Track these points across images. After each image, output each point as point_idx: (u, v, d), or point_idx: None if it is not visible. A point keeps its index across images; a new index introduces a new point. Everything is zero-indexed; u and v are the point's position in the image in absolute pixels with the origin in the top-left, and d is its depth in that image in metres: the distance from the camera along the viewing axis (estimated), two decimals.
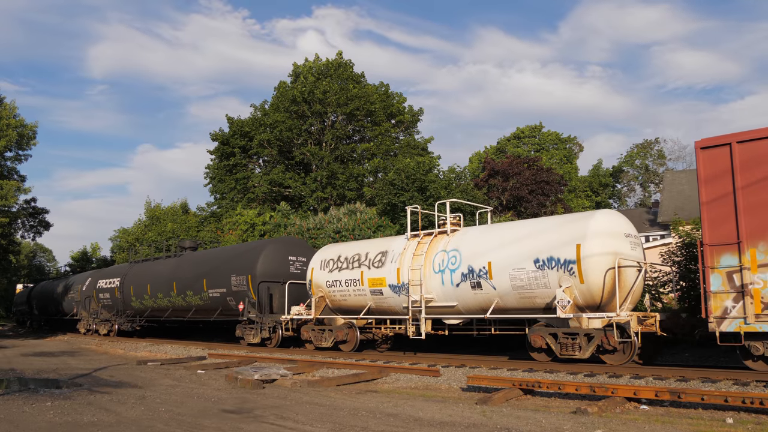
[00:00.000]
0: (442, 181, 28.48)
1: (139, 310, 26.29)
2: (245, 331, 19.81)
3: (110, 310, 28.48)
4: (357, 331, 16.67)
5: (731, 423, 7.33)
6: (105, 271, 31.66)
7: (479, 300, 13.92)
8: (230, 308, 20.51)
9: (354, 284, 16.68)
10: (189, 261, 24.03)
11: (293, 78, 42.49)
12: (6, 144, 29.23)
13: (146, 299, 25.26)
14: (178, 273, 23.53)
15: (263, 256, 19.70)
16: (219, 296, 20.86)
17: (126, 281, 27.06)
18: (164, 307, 24.29)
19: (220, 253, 23.17)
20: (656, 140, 59.78)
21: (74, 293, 32.83)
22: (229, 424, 7.66)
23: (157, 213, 49.37)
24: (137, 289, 25.99)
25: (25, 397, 9.91)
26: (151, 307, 25.26)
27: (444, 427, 7.36)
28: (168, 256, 26.23)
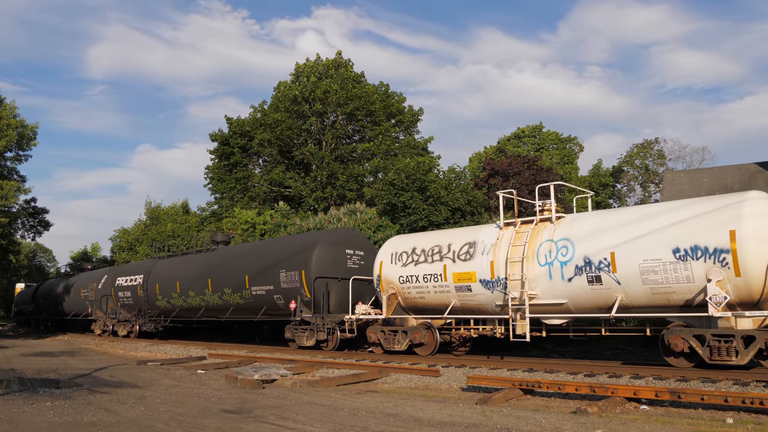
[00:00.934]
0: (442, 181, 28.44)
1: (165, 310, 24.60)
2: (296, 332, 18.13)
3: (131, 310, 26.69)
4: (436, 333, 14.98)
5: (731, 423, 7.33)
6: (125, 267, 29.51)
7: (597, 296, 12.25)
8: (277, 307, 18.89)
9: (434, 279, 14.89)
10: (226, 256, 22.14)
11: (294, 77, 42.50)
12: (6, 144, 29.24)
13: (174, 298, 23.55)
14: (214, 269, 21.72)
15: (318, 250, 17.88)
16: (264, 294, 19.18)
17: (150, 278, 25.20)
18: (196, 306, 22.59)
19: (266, 246, 21.03)
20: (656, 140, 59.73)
21: (88, 292, 30.95)
22: (229, 424, 7.66)
23: (158, 213, 49.40)
24: (164, 286, 24.22)
25: (25, 397, 9.91)
26: (180, 307, 23.55)
27: (444, 427, 7.36)
28: (199, 250, 24.20)
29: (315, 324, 17.36)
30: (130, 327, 26.59)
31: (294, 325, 18.30)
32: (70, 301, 33.58)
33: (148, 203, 52.14)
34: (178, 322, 24.88)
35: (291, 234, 27.19)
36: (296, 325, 18.22)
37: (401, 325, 15.64)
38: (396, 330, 15.57)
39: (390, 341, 15.59)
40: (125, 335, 26.81)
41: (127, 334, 26.75)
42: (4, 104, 30.36)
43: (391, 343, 15.54)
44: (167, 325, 25.03)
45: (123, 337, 26.74)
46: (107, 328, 28.48)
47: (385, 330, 15.78)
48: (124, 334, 26.92)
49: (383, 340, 15.75)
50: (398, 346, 15.37)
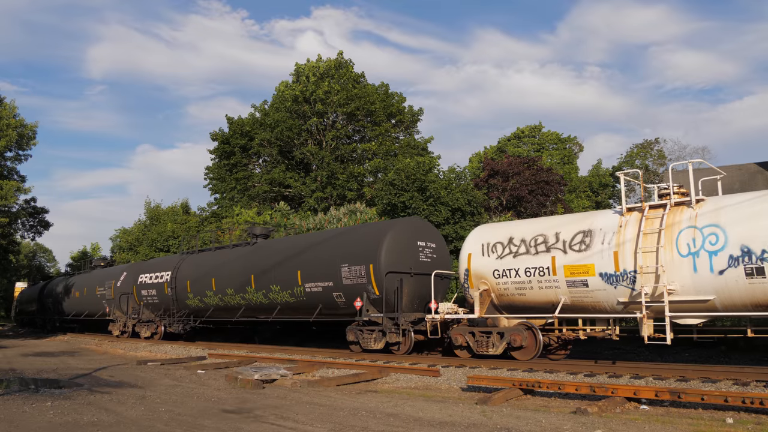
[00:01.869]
0: (442, 181, 28.43)
1: (196, 310, 22.65)
2: (361, 334, 16.19)
3: (156, 310, 24.73)
4: (538, 334, 13.28)
5: (731, 423, 7.33)
6: (149, 263, 27.20)
7: (756, 292, 10.71)
8: (336, 306, 17.08)
9: (539, 274, 13.27)
10: (272, 249, 20.02)
11: (295, 78, 42.52)
12: (6, 144, 29.24)
13: (209, 296, 21.58)
14: (257, 264, 19.62)
15: (389, 242, 15.99)
16: (321, 291, 17.23)
17: (179, 275, 23.18)
18: (234, 305, 20.63)
19: (322, 239, 18.83)
20: (656, 140, 59.70)
21: (105, 290, 28.76)
22: (229, 424, 7.66)
23: (157, 213, 49.39)
24: (196, 284, 22.19)
25: (25, 397, 9.91)
26: (215, 306, 21.60)
27: (444, 427, 7.36)
28: (236, 244, 22.22)
29: (384, 324, 15.58)
30: (154, 328, 24.65)
31: (357, 326, 16.39)
32: (83, 300, 31.42)
33: (147, 203, 52.12)
34: (211, 323, 22.99)
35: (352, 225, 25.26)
36: (360, 326, 16.32)
37: (495, 326, 13.86)
38: (489, 331, 13.79)
39: (483, 344, 13.84)
40: (148, 337, 24.89)
41: (151, 336, 24.83)
42: (3, 104, 30.36)
43: (484, 346, 13.79)
44: (197, 326, 23.25)
45: (145, 339, 24.83)
46: (127, 329, 26.57)
47: (476, 331, 14.00)
48: (147, 335, 24.94)
49: (473, 342, 14.01)
50: (493, 349, 13.64)
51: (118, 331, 27.19)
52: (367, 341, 16.00)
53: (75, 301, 32.62)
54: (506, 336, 13.48)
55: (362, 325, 16.26)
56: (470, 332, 14.13)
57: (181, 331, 23.38)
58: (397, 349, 15.78)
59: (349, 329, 16.63)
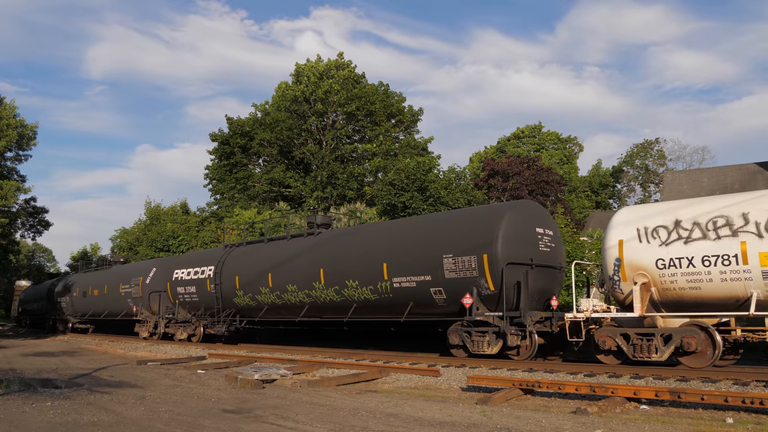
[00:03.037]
0: (442, 181, 28.44)
1: (245, 308, 20.23)
2: (468, 337, 13.81)
3: (194, 309, 22.38)
4: (717, 337, 11.08)
5: (731, 423, 7.33)
6: (185, 258, 24.84)
7: None
8: (431, 303, 14.76)
9: (723, 263, 11.16)
10: (346, 240, 17.70)
11: (295, 78, 42.54)
12: (6, 144, 29.27)
13: (264, 293, 19.02)
14: (327, 256, 17.34)
15: (506, 227, 13.69)
16: (414, 287, 14.83)
17: (226, 270, 20.71)
18: (296, 303, 18.14)
19: (414, 225, 16.32)
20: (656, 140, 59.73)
21: (131, 287, 26.34)
22: (229, 424, 7.66)
23: (158, 213, 49.42)
24: (247, 280, 19.73)
25: (25, 397, 9.91)
26: (270, 304, 19.12)
27: (444, 427, 7.36)
28: (295, 235, 19.76)
29: (504, 326, 13.25)
30: (192, 329, 22.29)
31: (463, 327, 14.05)
32: (103, 299, 28.89)
33: (147, 203, 52.21)
34: (266, 323, 20.51)
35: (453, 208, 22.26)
36: (466, 327, 13.98)
37: (652, 326, 11.77)
38: (649, 333, 11.62)
39: (641, 348, 11.61)
40: (183, 339, 22.58)
41: (187, 338, 22.50)
42: (3, 104, 30.39)
43: (644, 351, 11.57)
44: (242, 327, 21.09)
45: (180, 341, 22.53)
46: (157, 331, 24.28)
47: (631, 333, 11.79)
48: (182, 337, 22.59)
49: (627, 347, 11.80)
50: (656, 355, 11.43)
51: (147, 333, 24.92)
52: (478, 345, 13.65)
53: (92, 300, 30.20)
54: (675, 339, 11.28)
55: (469, 326, 13.90)
56: (622, 334, 11.91)
57: (225, 332, 20.97)
58: (515, 354, 13.47)
59: (452, 331, 14.19)
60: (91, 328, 32.79)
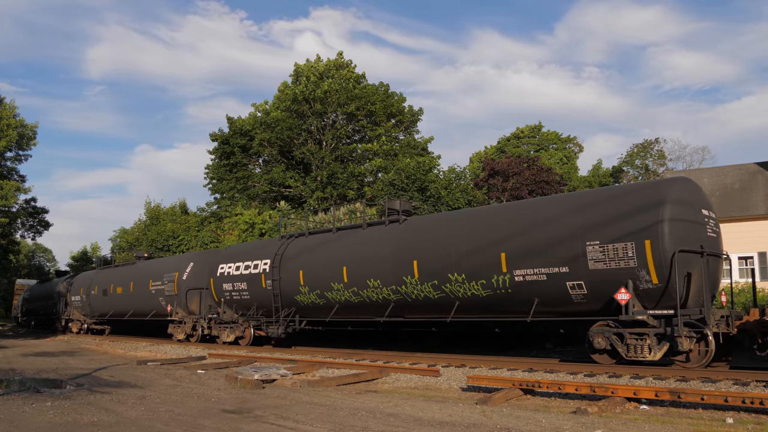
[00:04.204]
0: (442, 181, 28.46)
1: (310, 307, 17.88)
2: (620, 340, 11.61)
3: (244, 308, 20.03)
4: None
5: (731, 423, 7.33)
6: (232, 251, 22.03)
7: None
8: (566, 300, 12.45)
9: None
10: (447, 226, 15.10)
11: (294, 78, 42.56)
12: (6, 144, 29.29)
13: (337, 290, 16.67)
14: (419, 246, 15.00)
15: (673, 206, 11.56)
16: (544, 281, 12.55)
17: (286, 264, 18.31)
18: (379, 301, 15.78)
19: (543, 206, 13.71)
20: (656, 140, 59.76)
21: (163, 284, 23.76)
22: (229, 424, 7.66)
23: (157, 213, 49.44)
24: (313, 274, 17.35)
25: (25, 397, 9.91)
26: (344, 302, 16.71)
27: (444, 427, 7.36)
28: (373, 223, 17.21)
29: (677, 327, 10.87)
30: (241, 331, 20.01)
31: (611, 329, 11.81)
32: (128, 297, 26.52)
33: (147, 203, 52.22)
34: (336, 324, 18.06)
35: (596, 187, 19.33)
36: (615, 329, 11.75)
37: None
38: None
39: None
40: (231, 342, 20.30)
41: (234, 341, 20.24)
42: (3, 104, 30.40)
43: None
44: (301, 328, 18.80)
45: (226, 344, 20.38)
46: (195, 332, 22.10)
47: None
48: (228, 340, 20.29)
49: None
50: None
51: (183, 335, 22.61)
52: (636, 349, 11.39)
53: (114, 299, 27.77)
54: None
55: (619, 327, 11.70)
56: None
57: (281, 334, 18.49)
58: (684, 360, 11.27)
59: (596, 333, 11.99)
60: (108, 329, 30.92)
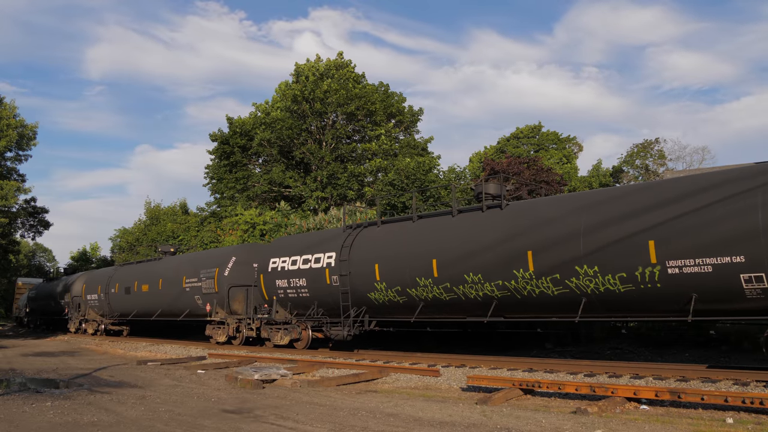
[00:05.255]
0: (442, 180, 28.46)
1: (388, 306, 15.78)
2: None
3: (301, 307, 17.98)
4: None
5: (731, 423, 7.33)
6: (281, 244, 19.69)
7: None
8: (735, 295, 10.66)
9: None
10: (569, 211, 12.78)
11: (295, 78, 42.55)
12: (6, 144, 29.28)
13: (423, 286, 14.61)
14: (535, 235, 12.93)
15: None
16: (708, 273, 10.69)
17: (356, 257, 16.24)
18: (480, 298, 13.80)
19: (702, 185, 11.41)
20: (656, 140, 59.73)
21: (201, 281, 21.55)
22: (229, 424, 7.66)
23: (157, 213, 49.46)
24: (392, 268, 15.33)
25: (25, 397, 9.91)
26: (431, 300, 14.69)
27: (444, 427, 7.36)
28: (464, 209, 15.05)
29: None
30: (297, 332, 17.83)
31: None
32: (156, 296, 24.40)
33: (147, 203, 52.24)
34: (423, 324, 16.00)
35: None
36: None
37: None
38: None
39: None
40: (283, 345, 18.13)
41: (288, 344, 18.06)
42: (3, 104, 30.40)
43: None
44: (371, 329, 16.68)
45: (278, 347, 18.28)
46: (239, 334, 20.21)
47: None
48: (282, 343, 18.08)
49: None
50: None
51: (225, 337, 20.56)
52: None
53: (139, 298, 25.65)
54: None
55: None
56: None
57: (348, 336, 16.35)
58: None
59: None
60: (126, 330, 29.13)
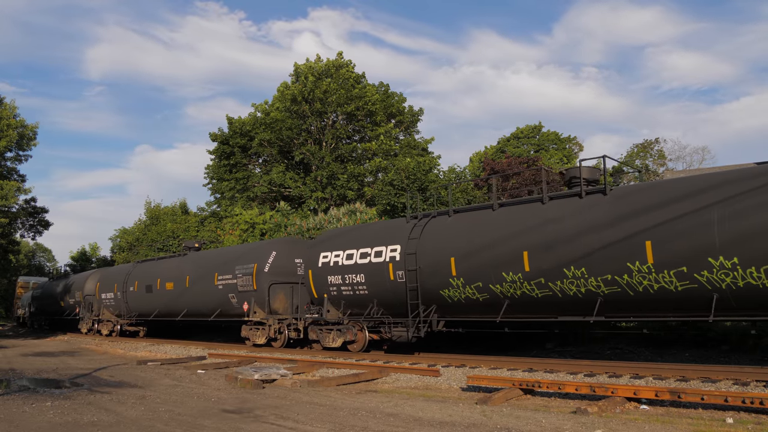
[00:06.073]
0: (443, 180, 28.44)
1: (464, 304, 14.22)
2: None
3: (357, 306, 16.38)
4: None
5: (731, 423, 7.33)
6: (333, 236, 17.96)
7: None
8: None
9: None
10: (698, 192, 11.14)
11: (294, 78, 42.55)
12: (6, 144, 29.28)
13: (510, 281, 13.08)
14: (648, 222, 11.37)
15: None
16: None
17: (426, 249, 14.68)
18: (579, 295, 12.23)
19: None
20: (656, 140, 59.75)
21: (235, 278, 19.85)
22: (229, 424, 7.66)
23: (158, 213, 49.43)
24: (472, 262, 13.76)
25: (25, 397, 9.91)
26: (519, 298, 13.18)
27: (444, 426, 7.36)
28: (556, 195, 13.30)
29: None
30: (353, 334, 16.16)
31: None
32: (183, 294, 22.69)
33: (147, 203, 52.19)
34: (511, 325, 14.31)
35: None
36: None
37: None
38: None
39: None
40: (336, 347, 16.54)
41: (341, 347, 16.53)
42: (4, 104, 30.40)
43: None
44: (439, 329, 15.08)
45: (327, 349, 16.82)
46: (279, 336, 18.48)
47: None
48: (335, 345, 16.50)
49: None
50: None
51: (264, 339, 18.78)
52: None
53: (162, 296, 24.03)
54: None
55: None
56: None
57: (411, 338, 15.01)
58: None
59: None
60: (143, 331, 27.76)
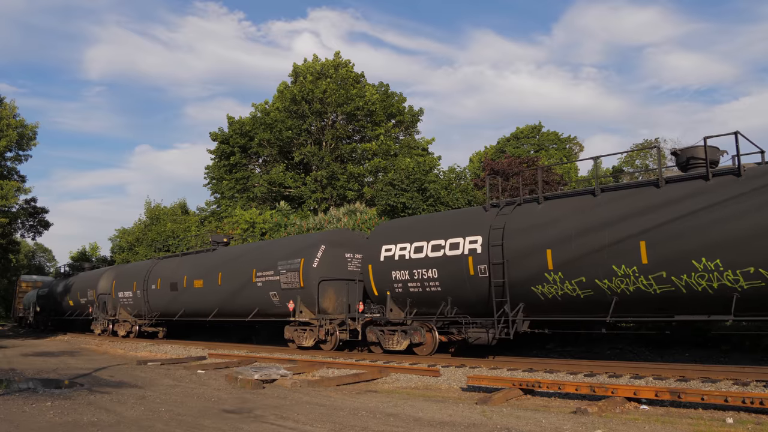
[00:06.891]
0: (443, 181, 28.43)
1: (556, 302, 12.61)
2: None
3: (424, 304, 14.91)
4: None
5: (731, 423, 7.33)
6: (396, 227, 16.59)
7: None
8: None
9: None
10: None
11: (293, 78, 42.54)
12: (6, 144, 29.29)
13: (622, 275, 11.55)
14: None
15: None
16: None
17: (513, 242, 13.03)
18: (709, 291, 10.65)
19: None
20: (656, 140, 59.70)
21: (278, 275, 18.25)
22: (229, 424, 7.66)
23: (158, 213, 49.43)
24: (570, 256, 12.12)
25: (25, 397, 9.91)
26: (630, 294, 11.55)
27: (444, 427, 7.35)
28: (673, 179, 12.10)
29: None
30: (421, 336, 14.72)
31: None
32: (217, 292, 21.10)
33: (148, 203, 52.19)
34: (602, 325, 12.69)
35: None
36: None
37: None
38: None
39: None
40: (402, 351, 15.15)
41: (408, 349, 15.13)
42: (4, 104, 30.42)
43: None
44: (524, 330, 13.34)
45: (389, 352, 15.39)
46: (331, 337, 17.01)
47: None
48: (400, 348, 15.09)
49: None
50: None
51: (312, 341, 17.23)
52: None
53: (190, 295, 22.45)
54: None
55: None
56: None
57: (492, 340, 13.49)
58: None
59: None
60: (162, 332, 26.39)
